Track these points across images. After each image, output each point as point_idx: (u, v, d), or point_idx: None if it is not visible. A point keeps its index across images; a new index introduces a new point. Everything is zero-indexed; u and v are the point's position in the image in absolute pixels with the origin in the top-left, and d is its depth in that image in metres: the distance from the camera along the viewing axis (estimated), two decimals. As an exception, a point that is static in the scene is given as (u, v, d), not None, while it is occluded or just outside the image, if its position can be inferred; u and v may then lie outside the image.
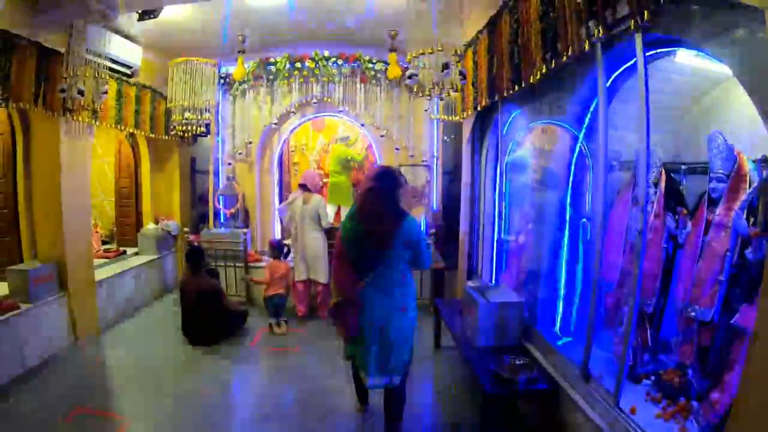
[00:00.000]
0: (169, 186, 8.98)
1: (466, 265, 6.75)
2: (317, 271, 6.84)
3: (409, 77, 4.62)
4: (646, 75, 2.93)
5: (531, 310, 4.72)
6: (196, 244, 7.59)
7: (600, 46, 3.19)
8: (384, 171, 3.87)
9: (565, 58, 3.36)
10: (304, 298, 7.01)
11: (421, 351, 5.59)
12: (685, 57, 3.61)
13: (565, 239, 4.51)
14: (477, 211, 6.65)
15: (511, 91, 4.42)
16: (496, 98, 4.91)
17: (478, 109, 5.54)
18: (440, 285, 7.17)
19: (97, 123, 6.34)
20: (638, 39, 2.88)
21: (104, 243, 8.93)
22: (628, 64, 3.52)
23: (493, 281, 6.09)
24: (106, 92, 5.67)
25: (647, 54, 3.02)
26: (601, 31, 2.99)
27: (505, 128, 5.59)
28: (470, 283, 6.20)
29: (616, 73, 3.60)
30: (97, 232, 8.56)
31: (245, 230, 7.81)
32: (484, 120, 6.27)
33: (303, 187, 6.87)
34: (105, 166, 9.60)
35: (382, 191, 3.68)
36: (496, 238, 6.19)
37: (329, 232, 6.92)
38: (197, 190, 9.20)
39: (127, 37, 6.84)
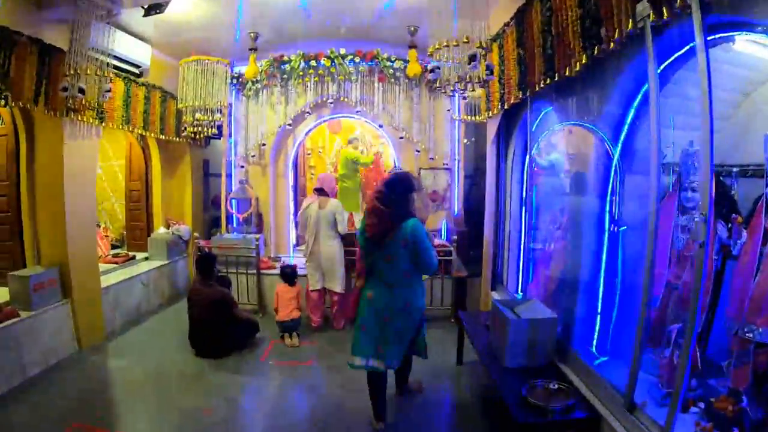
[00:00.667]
0: (180, 189, 8.71)
1: (491, 274, 6.31)
2: (333, 279, 6.45)
3: (431, 71, 4.23)
4: (708, 63, 2.48)
5: (565, 326, 4.28)
6: (206, 249, 7.27)
7: (650, 29, 2.76)
8: (396, 176, 4.06)
9: (611, 44, 2.96)
10: (319, 309, 6.60)
11: (442, 366, 5.33)
12: (741, 45, 3.16)
13: (604, 249, 4.09)
14: (502, 216, 6.24)
15: (543, 85, 4.03)
16: (527, 94, 4.51)
17: (506, 107, 5.15)
18: (462, 294, 6.78)
19: (103, 124, 6.12)
20: (697, 20, 2.44)
21: (114, 247, 8.65)
22: (680, 53, 3.09)
23: (520, 292, 5.68)
24: (109, 91, 5.31)
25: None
26: (652, 14, 2.59)
27: (534, 126, 5.16)
28: (496, 296, 5.86)
29: (667, 62, 3.16)
30: (107, 236, 8.36)
31: (258, 236, 7.45)
32: (511, 119, 5.85)
33: (319, 191, 6.48)
34: (116, 169, 9.31)
35: (387, 193, 3.88)
36: (523, 246, 5.77)
37: (346, 239, 6.56)
38: (210, 194, 8.95)
39: (135, 35, 6.62)
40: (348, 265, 6.57)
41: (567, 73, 3.56)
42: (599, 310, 4.18)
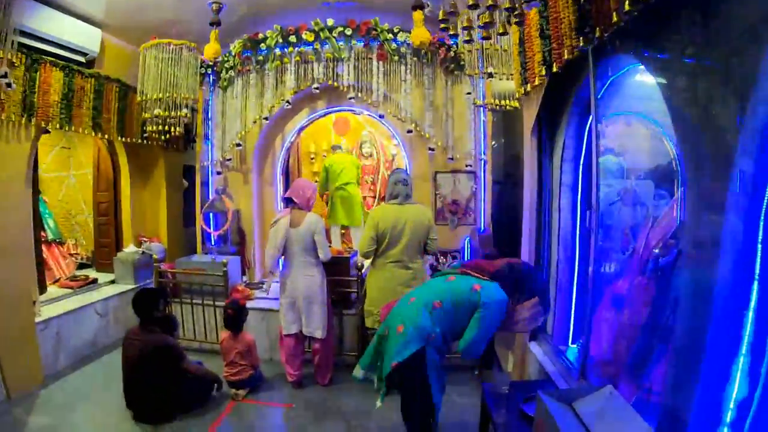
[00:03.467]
0: (154, 201, 7.16)
1: (531, 315, 4.25)
2: (313, 322, 4.56)
3: None
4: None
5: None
6: (168, 275, 5.66)
7: None
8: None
9: None
10: (296, 358, 4.71)
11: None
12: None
13: (754, 296, 2.05)
14: (547, 236, 4.19)
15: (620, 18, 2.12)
16: (590, 42, 2.57)
17: (554, 69, 3.12)
18: (490, 342, 4.79)
19: (32, 122, 4.82)
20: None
21: (84, 266, 7.27)
22: None
23: (573, 345, 3.78)
24: (5, 76, 4.05)
25: None
26: None
27: (601, 92, 3.18)
28: (537, 348, 3.99)
29: None
30: (75, 253, 7.11)
31: (227, 259, 5.52)
32: (558, 96, 3.83)
33: (289, 201, 4.65)
34: (89, 178, 7.68)
35: None
36: (577, 279, 3.88)
37: (332, 266, 4.71)
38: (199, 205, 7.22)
39: (79, 16, 5.34)
40: (338, 301, 4.90)
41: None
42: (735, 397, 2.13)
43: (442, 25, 2.41)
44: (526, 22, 3.21)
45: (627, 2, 2.02)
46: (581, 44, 2.72)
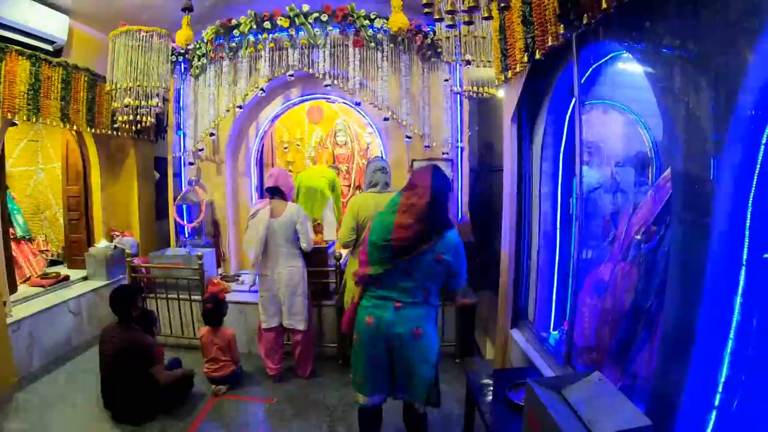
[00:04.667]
0: (125, 193, 6.91)
1: (511, 302, 4.21)
2: (295, 314, 4.48)
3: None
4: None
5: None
6: (142, 269, 5.47)
7: None
8: (437, 169, 3.11)
9: None
10: (276, 353, 4.64)
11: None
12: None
13: (741, 280, 2.06)
14: (527, 223, 4.16)
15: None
16: (574, 30, 2.58)
17: (537, 56, 3.07)
18: (469, 327, 4.81)
19: None
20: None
21: (56, 263, 7.04)
22: None
23: (554, 331, 3.78)
24: None
25: None
26: None
27: (583, 79, 3.15)
28: (518, 335, 3.95)
29: None
30: (45, 250, 6.88)
31: (202, 252, 5.40)
32: (538, 83, 3.77)
33: (271, 191, 4.50)
34: (58, 172, 7.42)
35: (435, 193, 2.96)
36: (558, 265, 3.86)
37: (312, 257, 4.62)
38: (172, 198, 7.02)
39: (44, 2, 5.10)
40: (317, 292, 4.79)
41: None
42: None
43: (426, 10, 2.32)
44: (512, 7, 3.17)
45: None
46: (565, 31, 2.68)
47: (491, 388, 3.17)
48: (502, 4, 2.19)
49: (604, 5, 2.15)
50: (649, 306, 2.93)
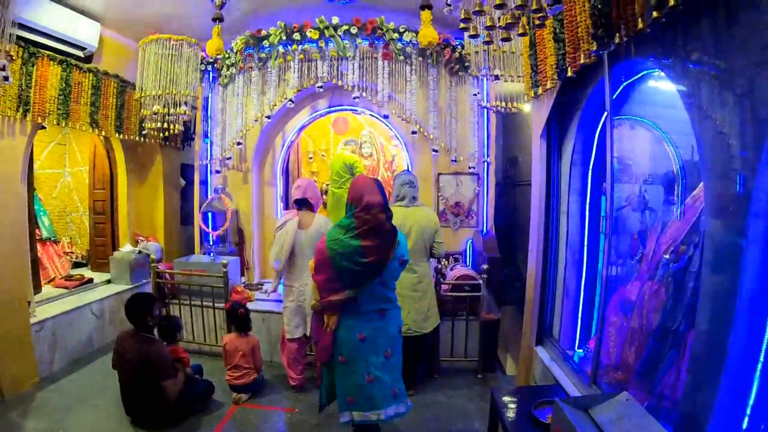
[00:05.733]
0: (151, 199, 7.03)
1: (536, 318, 4.24)
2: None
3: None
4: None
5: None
6: (166, 275, 5.56)
7: None
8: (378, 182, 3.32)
9: None
10: (299, 363, 4.67)
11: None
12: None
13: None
14: (554, 240, 4.19)
15: (644, 24, 2.14)
16: (606, 47, 2.60)
17: (568, 74, 3.11)
18: (493, 343, 4.81)
19: (28, 118, 4.70)
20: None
21: (79, 265, 7.16)
22: None
23: (580, 352, 3.81)
24: (2, 69, 3.73)
25: None
26: None
27: (616, 94, 3.18)
28: (543, 353, 3.95)
29: None
30: (69, 252, 6.89)
31: (227, 259, 5.48)
32: (568, 98, 3.81)
33: (299, 203, 4.54)
34: (84, 175, 7.60)
35: (386, 205, 3.16)
36: (584, 284, 3.88)
37: None
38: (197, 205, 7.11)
39: (77, 9, 5.18)
40: None
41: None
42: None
43: (462, 26, 2.37)
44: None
45: (655, 10, 2.01)
46: (598, 49, 2.71)
47: (515, 406, 3.19)
48: (538, 22, 2.22)
49: (640, 25, 2.18)
50: (677, 326, 2.93)
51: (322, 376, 3.37)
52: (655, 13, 2.05)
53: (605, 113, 3.41)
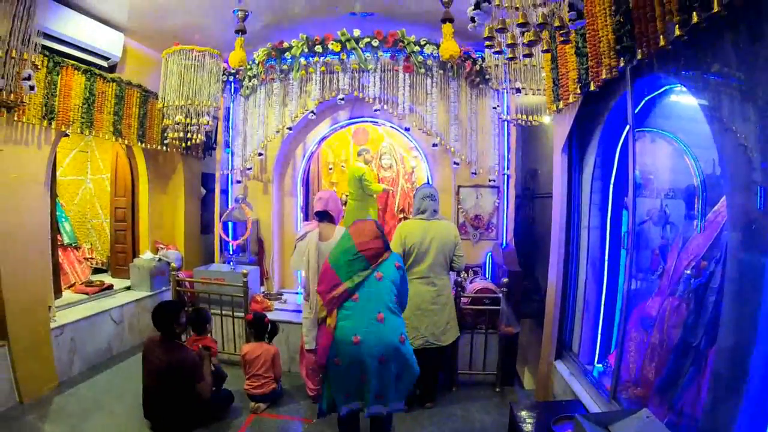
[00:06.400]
0: (172, 208, 7.15)
1: (556, 332, 4.26)
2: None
3: (477, 5, 2.24)
4: None
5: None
6: (186, 283, 5.63)
7: None
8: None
9: None
10: (317, 373, 4.62)
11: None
12: None
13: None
14: (575, 254, 4.21)
15: (665, 41, 2.17)
16: (629, 62, 2.62)
17: (591, 88, 3.14)
18: (511, 357, 4.81)
19: (53, 126, 4.81)
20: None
21: (100, 271, 7.29)
22: None
23: (599, 367, 3.81)
24: (28, 78, 3.81)
25: None
26: None
27: (638, 108, 3.20)
28: (563, 367, 3.94)
29: None
30: (90, 258, 7.07)
31: (247, 269, 5.52)
32: (589, 113, 3.83)
33: (320, 215, 4.51)
34: (106, 182, 7.69)
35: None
36: (604, 296, 3.89)
37: None
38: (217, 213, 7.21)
39: (101, 19, 5.28)
40: None
41: None
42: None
43: (488, 43, 2.41)
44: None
45: (677, 27, 2.04)
46: (621, 64, 2.74)
47: (534, 420, 3.20)
48: (562, 39, 2.26)
49: (662, 42, 2.21)
50: (698, 343, 2.93)
51: (323, 385, 3.46)
52: (677, 31, 2.08)
53: (627, 127, 3.44)
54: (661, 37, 2.20)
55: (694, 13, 1.97)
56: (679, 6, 2.06)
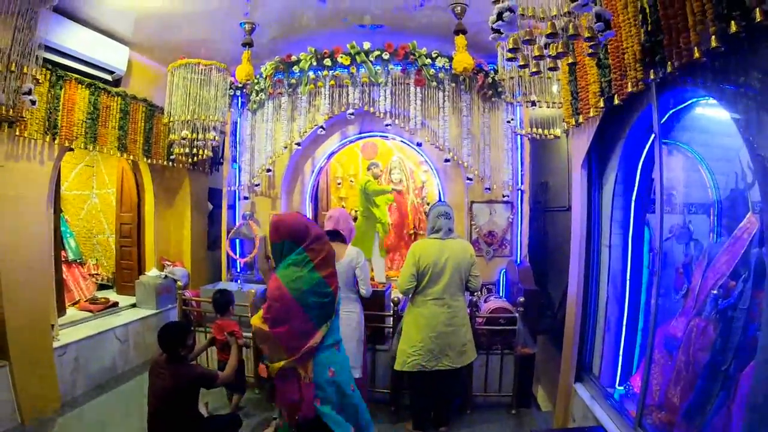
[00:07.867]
0: (178, 224, 7.06)
1: (576, 354, 4.09)
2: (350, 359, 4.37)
3: (499, 16, 2.14)
4: None
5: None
6: (192, 302, 5.53)
7: None
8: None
9: None
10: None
11: None
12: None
13: None
14: (595, 273, 4.07)
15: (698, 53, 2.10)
16: (662, 72, 2.48)
17: (615, 101, 3.04)
18: (527, 379, 4.69)
19: (56, 141, 4.77)
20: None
21: (105, 287, 7.27)
22: None
23: (621, 389, 3.70)
24: (29, 93, 3.80)
25: None
26: None
27: (664, 119, 3.11)
28: (583, 391, 3.82)
29: None
30: (95, 274, 7.12)
31: (254, 288, 5.41)
32: (610, 127, 3.71)
33: (331, 235, 4.28)
34: (112, 197, 7.70)
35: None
36: (626, 316, 3.79)
37: (369, 302, 4.49)
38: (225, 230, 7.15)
39: (106, 33, 5.24)
40: (372, 335, 4.75)
41: None
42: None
43: (510, 55, 2.32)
44: (580, 51, 3.15)
45: (713, 38, 1.94)
46: (650, 77, 2.63)
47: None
48: (590, 51, 2.17)
49: (697, 55, 2.11)
50: (727, 366, 2.82)
51: None
52: (713, 42, 1.98)
53: (649, 142, 3.35)
54: (696, 48, 2.10)
55: (733, 22, 1.87)
56: (715, 15, 1.96)
